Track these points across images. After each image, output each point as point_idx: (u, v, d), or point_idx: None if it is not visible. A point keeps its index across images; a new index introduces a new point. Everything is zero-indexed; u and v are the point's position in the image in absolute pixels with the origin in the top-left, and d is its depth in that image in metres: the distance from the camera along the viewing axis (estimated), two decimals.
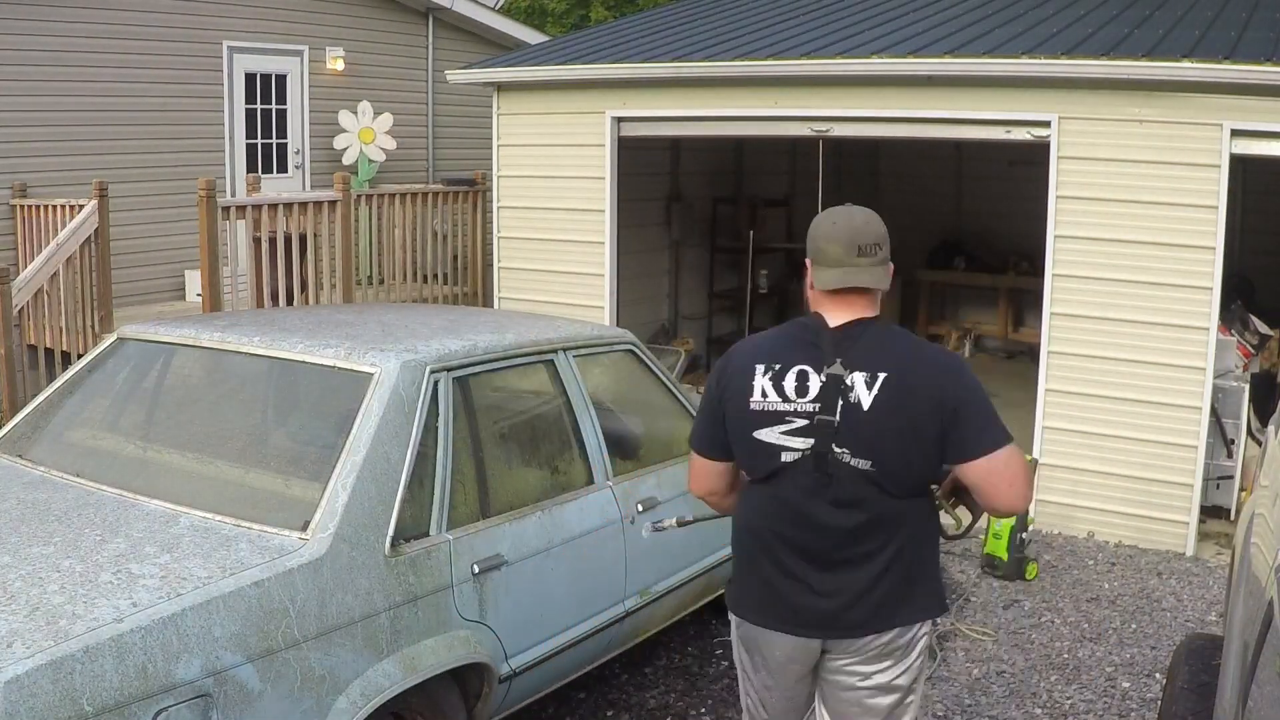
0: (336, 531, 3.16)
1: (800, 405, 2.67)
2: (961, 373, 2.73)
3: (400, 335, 3.87)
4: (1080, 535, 6.76)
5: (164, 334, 4.13)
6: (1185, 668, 3.41)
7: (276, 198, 8.24)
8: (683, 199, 10.64)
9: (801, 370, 2.69)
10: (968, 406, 2.66)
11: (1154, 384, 6.52)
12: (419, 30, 12.17)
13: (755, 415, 2.71)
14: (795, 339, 2.77)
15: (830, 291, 2.74)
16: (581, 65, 8.37)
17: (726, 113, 7.95)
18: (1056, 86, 6.65)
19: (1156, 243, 6.45)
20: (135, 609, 2.73)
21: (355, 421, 3.41)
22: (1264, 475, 3.42)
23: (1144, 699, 4.72)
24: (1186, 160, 6.35)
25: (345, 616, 3.12)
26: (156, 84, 9.79)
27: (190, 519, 3.25)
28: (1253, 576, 2.65)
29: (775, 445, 2.69)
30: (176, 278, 9.87)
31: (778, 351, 2.75)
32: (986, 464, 2.65)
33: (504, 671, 3.63)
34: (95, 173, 8.27)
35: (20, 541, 3.10)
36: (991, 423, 2.68)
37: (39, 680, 2.47)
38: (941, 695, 4.70)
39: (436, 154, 12.38)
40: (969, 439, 2.65)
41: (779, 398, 2.69)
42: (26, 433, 3.96)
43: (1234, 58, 6.12)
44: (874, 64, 7.14)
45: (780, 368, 2.72)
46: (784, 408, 2.69)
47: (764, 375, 2.72)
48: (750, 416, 2.72)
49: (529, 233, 8.76)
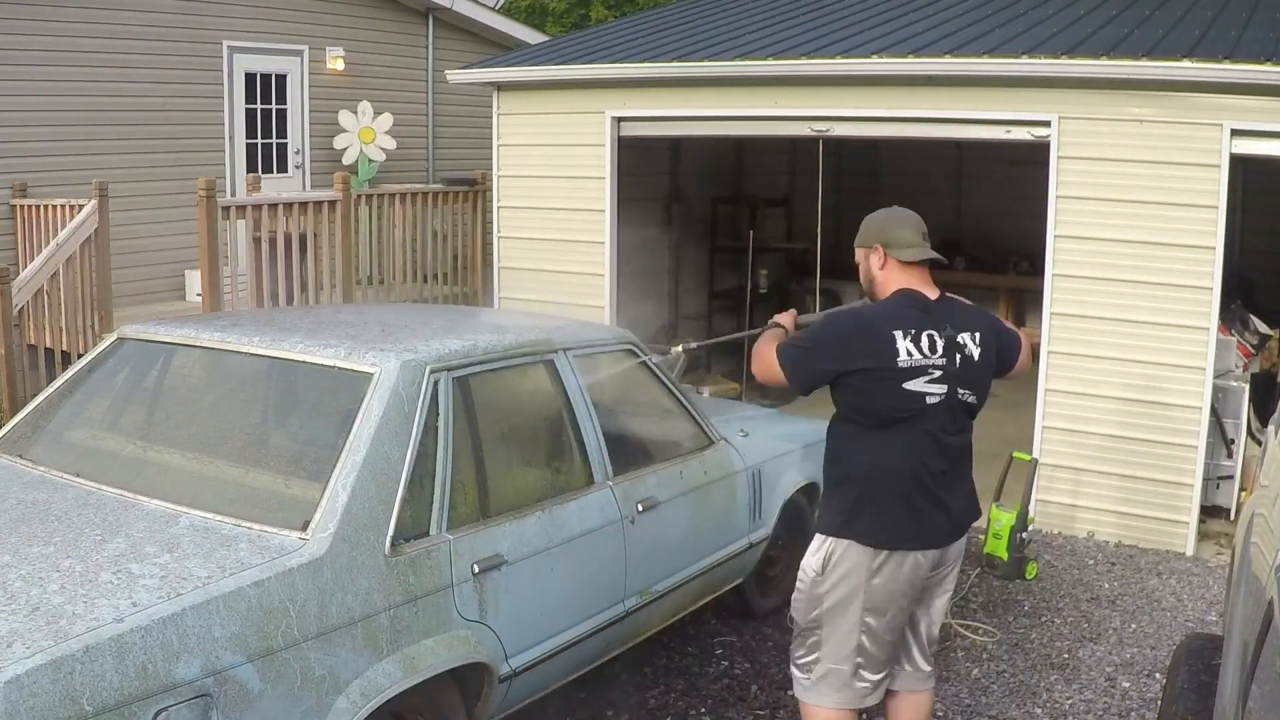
0: (336, 531, 3.16)
1: (935, 360, 3.42)
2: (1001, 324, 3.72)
3: (400, 335, 3.87)
4: (1080, 535, 6.76)
5: (164, 334, 4.13)
6: (1185, 668, 3.41)
7: (276, 198, 8.24)
8: (683, 199, 10.64)
9: (930, 334, 3.42)
10: (1003, 337, 3.67)
11: (1154, 384, 6.52)
12: (419, 30, 12.17)
13: (904, 371, 3.38)
14: (914, 311, 3.46)
15: (905, 271, 3.50)
16: (581, 65, 8.38)
17: (727, 113, 7.96)
18: (1056, 86, 6.65)
19: (1156, 243, 6.45)
20: (135, 609, 2.73)
21: (355, 421, 3.41)
22: (1264, 475, 3.42)
23: (1144, 699, 4.72)
24: (1186, 160, 6.35)
25: (345, 616, 3.12)
26: (156, 84, 9.80)
27: (190, 519, 3.25)
28: (1253, 576, 2.64)
29: (921, 392, 3.40)
30: (176, 278, 9.87)
31: (907, 321, 3.42)
32: (1019, 364, 3.72)
33: (504, 671, 3.63)
34: (95, 173, 8.27)
35: (20, 541, 3.10)
36: (1015, 337, 3.72)
37: (39, 680, 2.47)
38: (941, 695, 4.70)
39: (436, 154, 12.38)
40: (1009, 354, 3.67)
41: (922, 356, 3.40)
42: (26, 433, 3.96)
43: (1234, 58, 6.12)
44: (874, 64, 7.14)
45: (916, 332, 3.41)
46: (926, 362, 3.40)
47: (904, 339, 3.39)
48: (899, 373, 3.38)
49: (529, 233, 8.76)
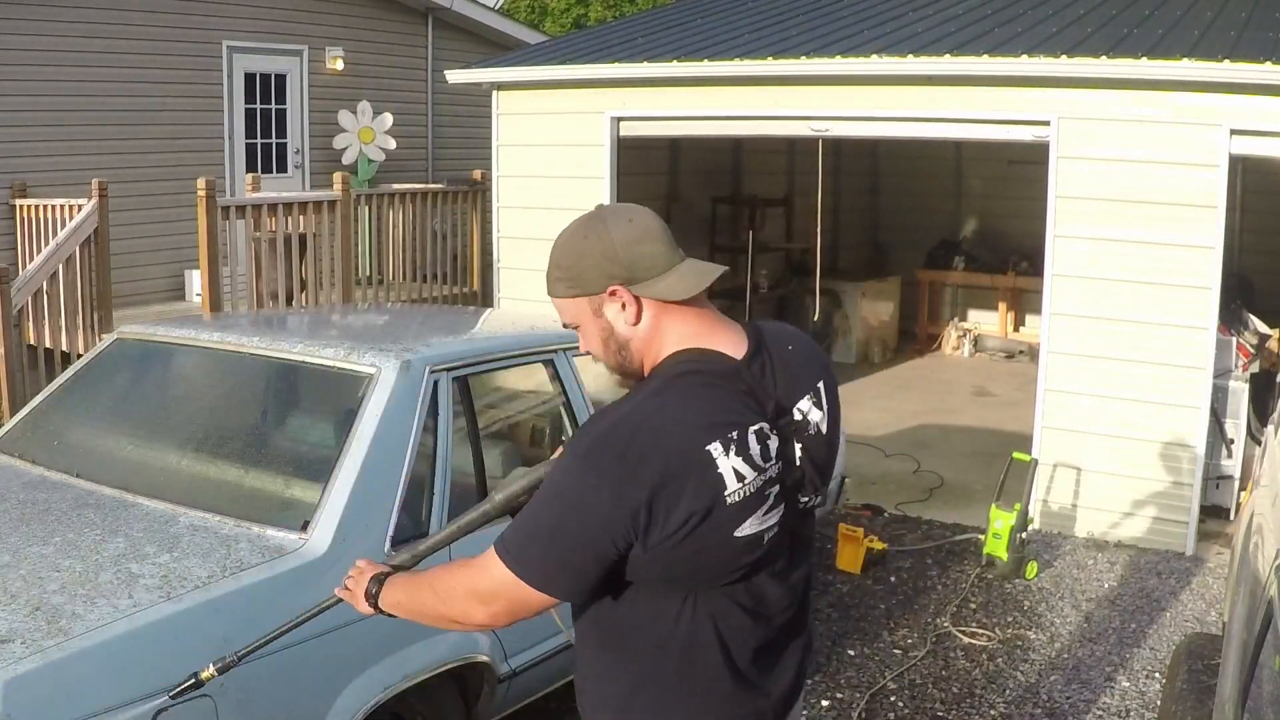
0: (336, 531, 3.16)
1: (772, 470, 1.94)
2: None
3: (400, 335, 3.88)
4: (1080, 535, 6.76)
5: (163, 334, 4.13)
6: (1185, 668, 3.41)
7: (276, 197, 8.24)
8: (682, 199, 10.64)
9: (760, 428, 1.93)
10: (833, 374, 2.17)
11: (1154, 384, 6.52)
12: (418, 30, 12.17)
13: (735, 510, 1.88)
14: (725, 391, 1.94)
15: (679, 316, 1.99)
16: (581, 65, 8.38)
17: (726, 112, 7.96)
18: (1056, 86, 6.65)
19: (1156, 243, 6.45)
20: (135, 608, 2.73)
21: (355, 421, 3.41)
22: (1264, 475, 3.42)
23: (1144, 699, 4.72)
24: (1186, 160, 6.35)
25: (345, 616, 3.11)
26: (156, 84, 9.79)
27: (190, 519, 3.25)
28: (1252, 576, 2.65)
29: (759, 533, 1.93)
30: (176, 278, 9.87)
31: (717, 415, 1.90)
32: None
33: (504, 671, 3.63)
34: (95, 172, 8.26)
35: (20, 541, 3.10)
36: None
37: (39, 680, 2.47)
38: (942, 695, 4.70)
39: (436, 154, 12.37)
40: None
41: (755, 471, 1.90)
42: (26, 433, 3.96)
43: (1233, 57, 6.12)
44: (874, 64, 7.14)
45: (739, 432, 1.89)
46: (762, 480, 1.92)
47: (727, 454, 1.87)
48: (728, 515, 1.88)
49: (529, 233, 8.76)
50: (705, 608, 1.96)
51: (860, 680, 4.81)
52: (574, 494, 1.87)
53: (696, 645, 1.98)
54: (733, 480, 1.87)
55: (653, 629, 1.98)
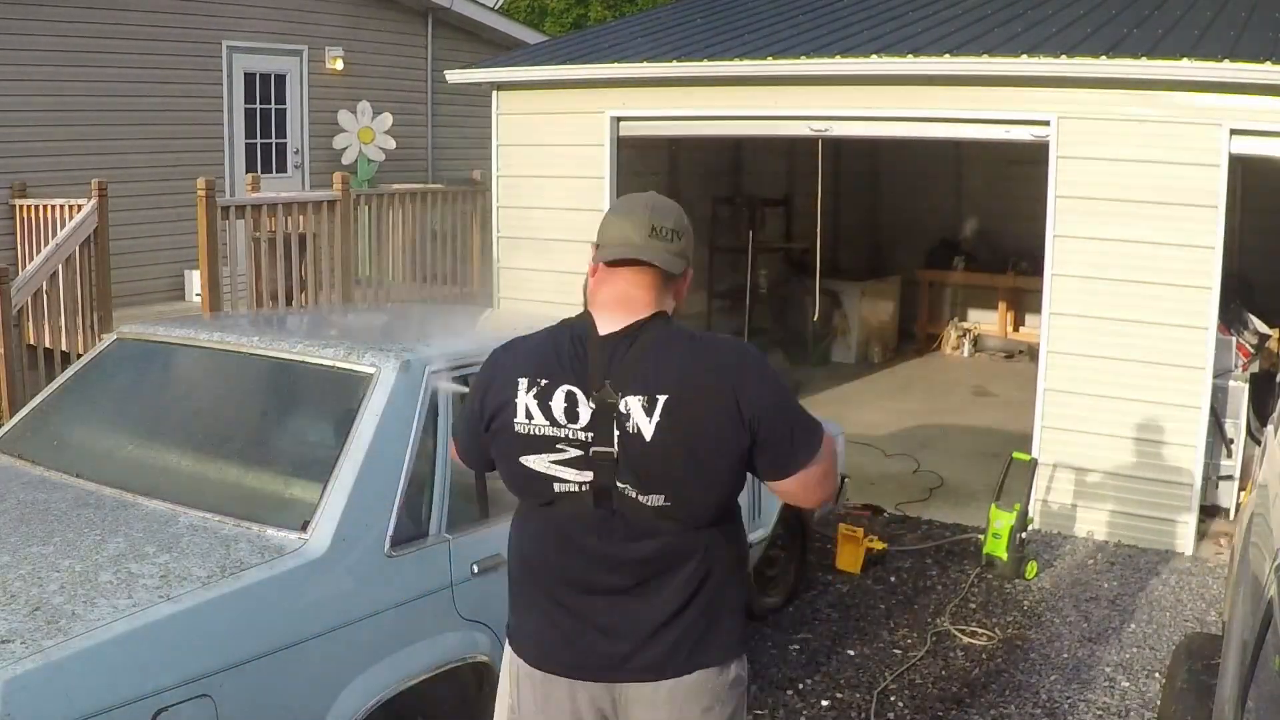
0: (336, 531, 3.16)
1: (572, 432, 2.25)
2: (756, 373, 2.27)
3: (400, 335, 3.88)
4: (1080, 535, 6.76)
5: (163, 334, 4.13)
6: (1185, 668, 3.41)
7: (276, 197, 8.24)
8: (682, 199, 10.51)
9: (570, 391, 2.26)
10: (771, 416, 2.25)
11: (1154, 384, 6.51)
12: (418, 30, 12.17)
13: (521, 439, 2.30)
14: (560, 349, 2.30)
15: (607, 280, 2.32)
16: (581, 65, 8.38)
17: (726, 112, 7.96)
18: (1056, 86, 6.65)
19: (1156, 243, 6.45)
20: (135, 608, 2.73)
21: (355, 421, 3.41)
22: (1263, 475, 3.42)
23: (1144, 699, 4.72)
24: (1186, 160, 6.35)
25: (345, 616, 3.12)
26: (156, 84, 9.79)
27: (190, 519, 3.25)
28: (1252, 576, 2.65)
29: (546, 475, 2.29)
30: (176, 278, 9.87)
31: (542, 364, 2.30)
32: (801, 478, 2.32)
33: None
34: (95, 172, 8.26)
35: (20, 541, 3.10)
36: (799, 430, 2.30)
37: (39, 680, 2.47)
38: (941, 695, 4.70)
39: (436, 154, 12.37)
40: (780, 456, 2.29)
41: (546, 421, 2.27)
42: (26, 433, 3.96)
43: (1233, 57, 6.12)
44: (874, 64, 7.14)
45: (546, 384, 2.27)
46: (553, 433, 2.27)
47: (528, 393, 2.28)
48: (515, 440, 2.30)
49: (529, 233, 8.76)
50: (523, 525, 2.45)
51: (860, 680, 4.81)
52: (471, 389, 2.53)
53: (514, 552, 2.48)
54: (522, 414, 2.29)
55: (514, 527, 2.49)
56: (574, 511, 2.30)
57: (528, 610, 2.43)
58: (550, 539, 2.36)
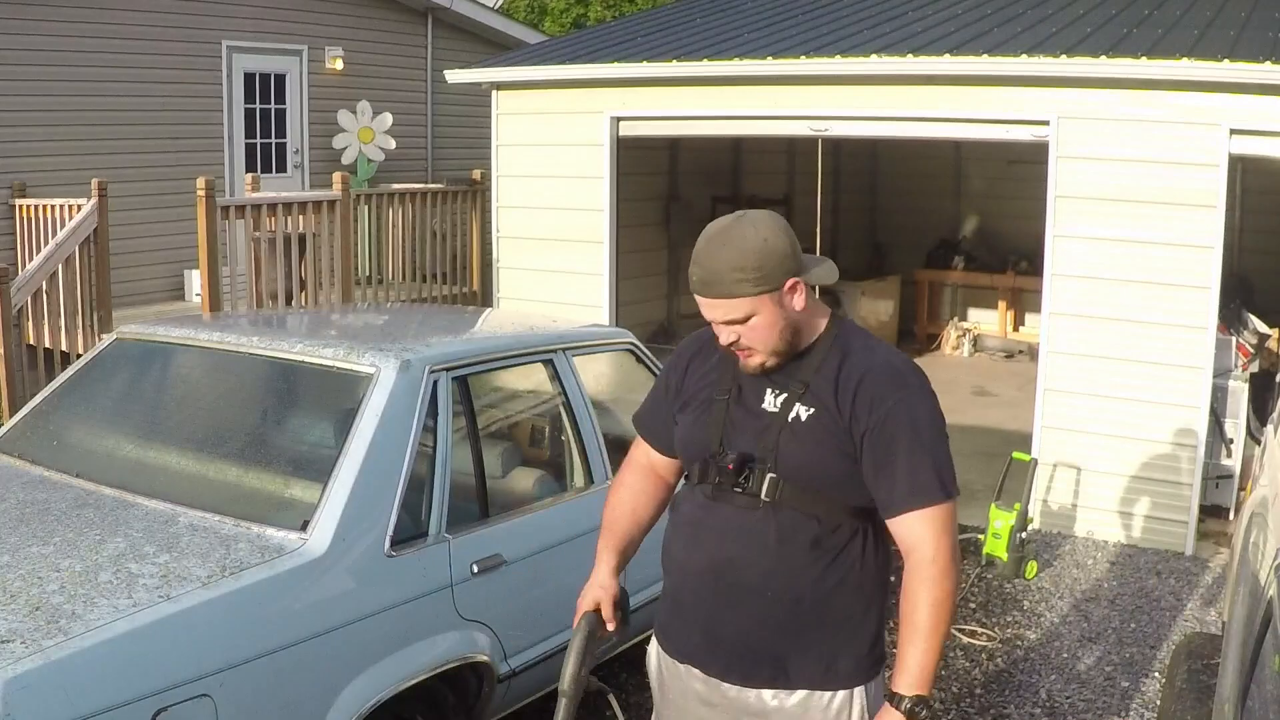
0: (336, 531, 3.16)
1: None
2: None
3: (400, 335, 3.88)
4: (1080, 535, 6.76)
5: (163, 334, 4.13)
6: (1185, 667, 3.41)
7: (276, 197, 8.24)
8: (681, 198, 10.64)
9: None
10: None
11: (1154, 384, 6.52)
12: (418, 30, 12.17)
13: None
14: None
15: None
16: (580, 65, 8.38)
17: (726, 112, 7.96)
18: (1056, 86, 6.65)
19: (1156, 243, 6.45)
20: (135, 608, 2.73)
21: (355, 421, 3.41)
22: (1263, 475, 3.42)
23: (1144, 699, 4.72)
24: (1186, 160, 6.35)
25: (345, 616, 3.12)
26: (156, 84, 9.79)
27: (189, 518, 3.25)
28: (1252, 575, 2.65)
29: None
30: (176, 278, 9.87)
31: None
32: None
33: (503, 671, 3.63)
34: (95, 172, 8.26)
35: (20, 541, 3.10)
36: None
37: (39, 680, 2.47)
38: (941, 695, 4.70)
39: (436, 154, 12.37)
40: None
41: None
42: (26, 433, 3.96)
43: (1233, 57, 6.12)
44: (874, 64, 7.14)
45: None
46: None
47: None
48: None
49: (528, 232, 8.76)
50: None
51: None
52: (939, 410, 2.49)
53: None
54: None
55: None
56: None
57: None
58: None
